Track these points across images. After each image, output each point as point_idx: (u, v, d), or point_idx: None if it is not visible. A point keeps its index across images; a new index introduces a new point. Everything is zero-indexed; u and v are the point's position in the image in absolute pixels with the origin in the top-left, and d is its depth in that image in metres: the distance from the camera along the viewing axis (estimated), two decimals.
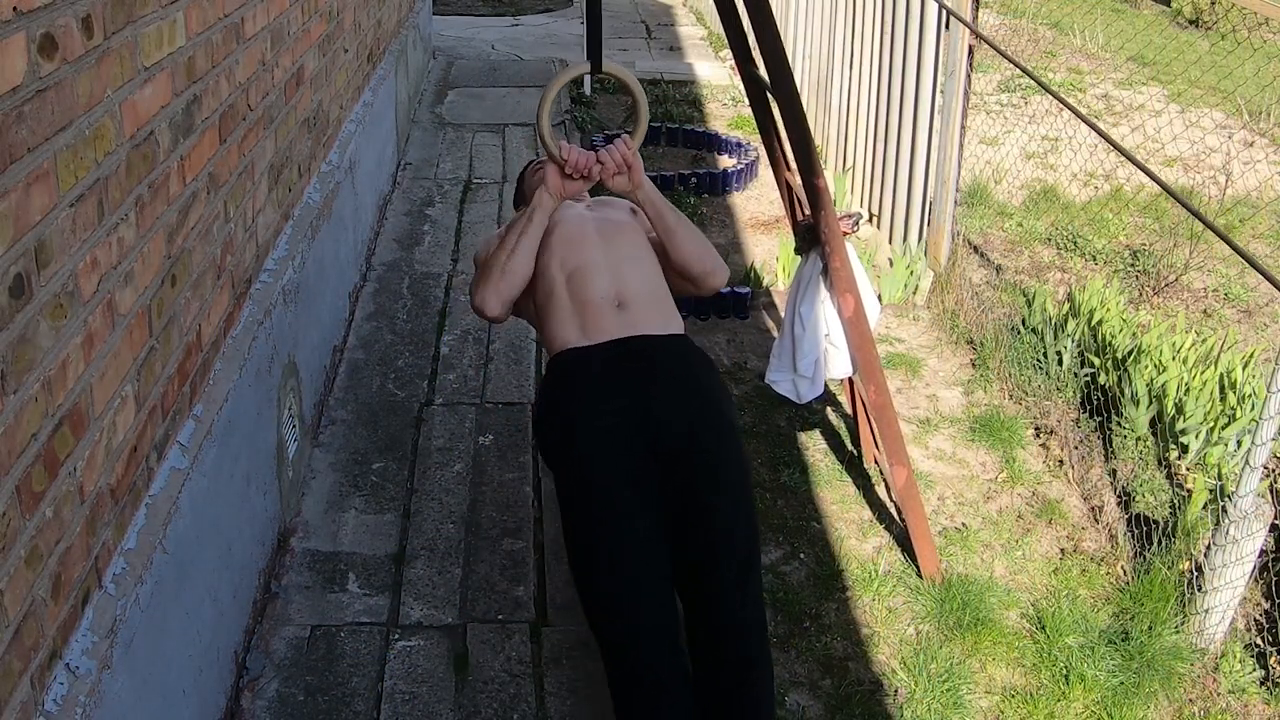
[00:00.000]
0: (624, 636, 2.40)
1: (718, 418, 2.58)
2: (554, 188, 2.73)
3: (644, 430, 2.49)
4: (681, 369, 2.62)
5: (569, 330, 2.62)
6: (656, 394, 2.54)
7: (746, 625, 2.45)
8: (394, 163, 5.94)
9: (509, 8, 11.09)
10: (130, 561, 2.06)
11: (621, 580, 2.40)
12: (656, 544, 2.43)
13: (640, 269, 2.72)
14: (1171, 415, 3.85)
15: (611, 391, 2.53)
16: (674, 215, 2.79)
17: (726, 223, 5.90)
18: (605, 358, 2.57)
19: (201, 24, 2.51)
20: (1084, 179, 6.66)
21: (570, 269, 2.67)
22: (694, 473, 2.48)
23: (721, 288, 2.87)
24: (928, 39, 4.97)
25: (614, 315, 2.61)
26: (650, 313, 2.65)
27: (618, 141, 2.77)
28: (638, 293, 2.66)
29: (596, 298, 2.63)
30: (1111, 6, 11.59)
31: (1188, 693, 2.94)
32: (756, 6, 2.68)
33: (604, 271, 2.67)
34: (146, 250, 2.17)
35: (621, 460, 2.47)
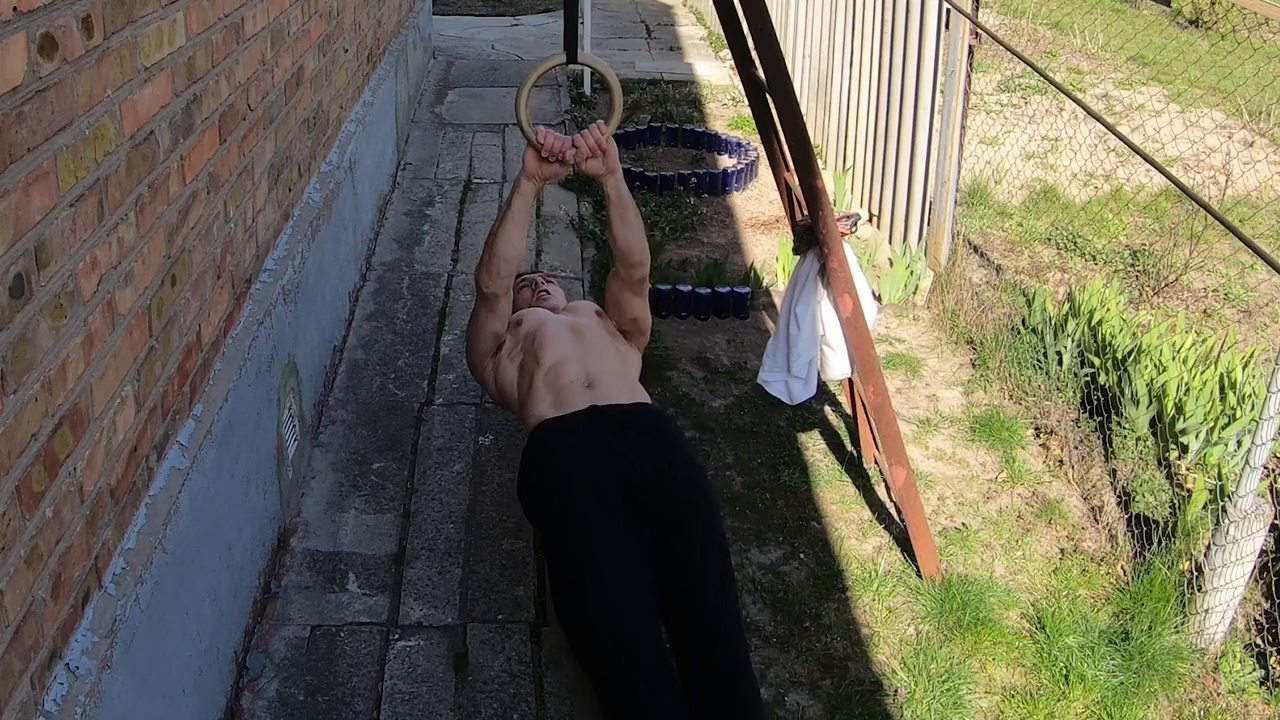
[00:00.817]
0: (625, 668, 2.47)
1: (687, 460, 2.82)
2: (532, 170, 2.93)
3: (622, 477, 2.70)
4: (648, 425, 2.87)
5: (543, 407, 2.89)
6: (629, 443, 2.78)
7: (731, 638, 2.58)
8: (394, 163, 5.94)
9: (509, 8, 11.09)
10: (130, 561, 2.06)
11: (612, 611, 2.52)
12: (642, 576, 2.59)
13: (607, 357, 3.02)
14: (1171, 415, 3.85)
15: (589, 446, 2.77)
16: (633, 209, 3.02)
17: (726, 223, 5.90)
18: (578, 420, 2.83)
19: (201, 24, 2.51)
20: (1084, 179, 6.66)
21: (547, 366, 2.97)
22: (670, 506, 2.68)
23: (644, 277, 3.10)
24: (928, 38, 4.97)
25: (584, 393, 2.89)
26: (618, 389, 2.93)
27: (592, 126, 2.92)
28: (605, 374, 2.95)
29: (569, 382, 2.92)
30: (1111, 6, 11.59)
31: (1188, 693, 2.94)
32: (754, 13, 2.68)
33: (575, 362, 2.97)
34: (146, 250, 2.17)
35: (604, 504, 2.66)
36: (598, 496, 2.66)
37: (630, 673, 2.46)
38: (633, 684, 2.45)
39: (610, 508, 2.65)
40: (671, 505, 2.68)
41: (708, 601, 2.58)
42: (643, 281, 3.09)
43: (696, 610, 2.57)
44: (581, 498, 2.67)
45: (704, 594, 2.59)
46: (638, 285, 3.09)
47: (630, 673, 2.46)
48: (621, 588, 2.55)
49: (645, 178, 6.14)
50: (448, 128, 6.94)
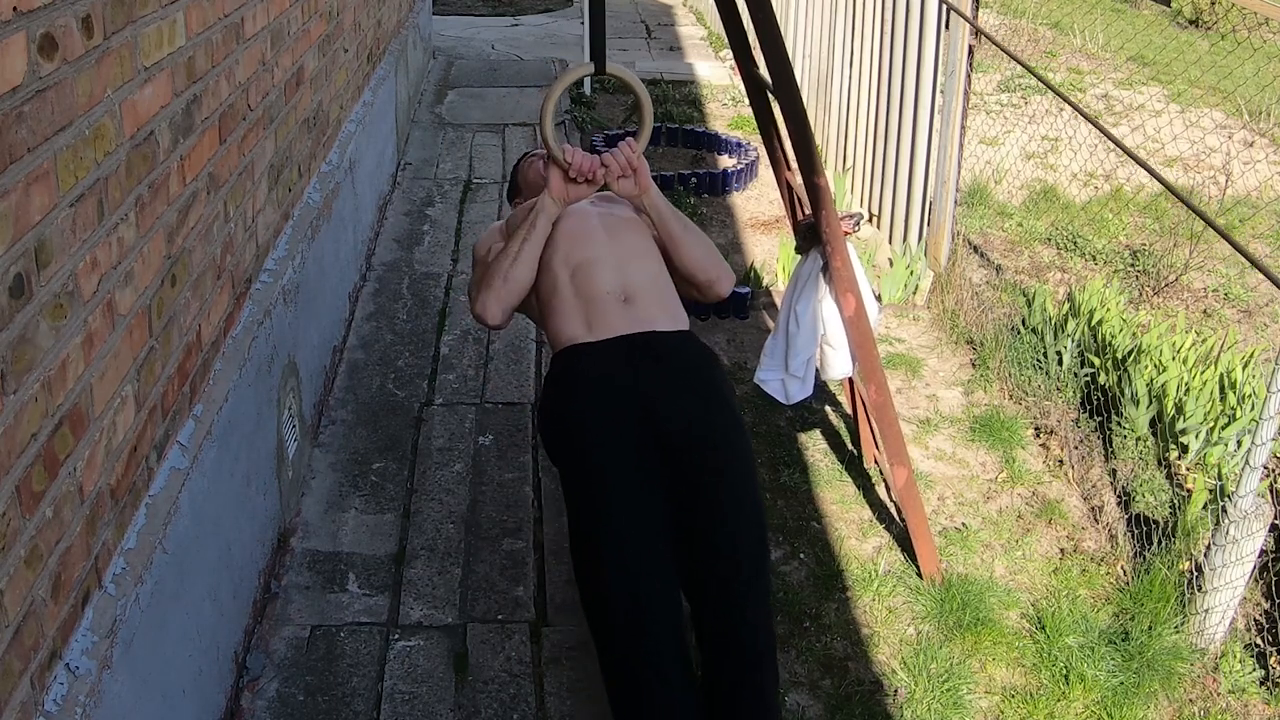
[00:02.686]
0: (633, 635, 2.34)
1: (724, 414, 2.56)
2: (557, 192, 2.69)
3: (651, 427, 2.48)
4: (688, 366, 2.60)
5: (574, 325, 2.60)
6: (663, 392, 2.52)
7: (756, 621, 2.43)
8: (394, 163, 5.94)
9: (509, 8, 11.09)
10: (130, 561, 2.06)
11: (628, 576, 2.37)
12: (664, 541, 2.41)
13: (646, 264, 2.69)
14: (1171, 415, 3.85)
15: (618, 388, 2.52)
16: (679, 222, 2.76)
17: (726, 223, 5.90)
18: (612, 354, 2.55)
19: (201, 24, 2.51)
20: (1084, 179, 6.66)
21: (575, 264, 2.65)
22: (702, 468, 2.47)
23: (726, 294, 2.84)
24: (928, 38, 4.97)
25: (620, 310, 2.59)
26: (656, 309, 2.63)
27: (622, 144, 2.72)
28: (643, 288, 2.64)
29: (602, 293, 2.60)
30: (1111, 6, 11.58)
31: (1188, 693, 2.94)
32: (758, 6, 2.67)
33: (609, 266, 2.64)
34: (146, 250, 2.17)
35: (629, 457, 2.45)
36: (628, 449, 2.45)
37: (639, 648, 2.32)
38: (640, 661, 2.32)
39: (640, 464, 2.44)
40: (702, 467, 2.46)
41: (733, 573, 2.40)
42: (721, 297, 2.81)
43: (720, 582, 2.41)
44: (609, 448, 2.45)
45: (730, 565, 2.41)
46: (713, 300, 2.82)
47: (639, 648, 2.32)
48: (640, 549, 2.37)
49: None
50: (448, 128, 6.94)
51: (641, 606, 2.35)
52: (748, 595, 2.43)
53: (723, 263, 2.80)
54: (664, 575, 2.40)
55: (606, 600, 2.37)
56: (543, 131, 2.67)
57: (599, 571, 2.39)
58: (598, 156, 2.69)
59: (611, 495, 2.42)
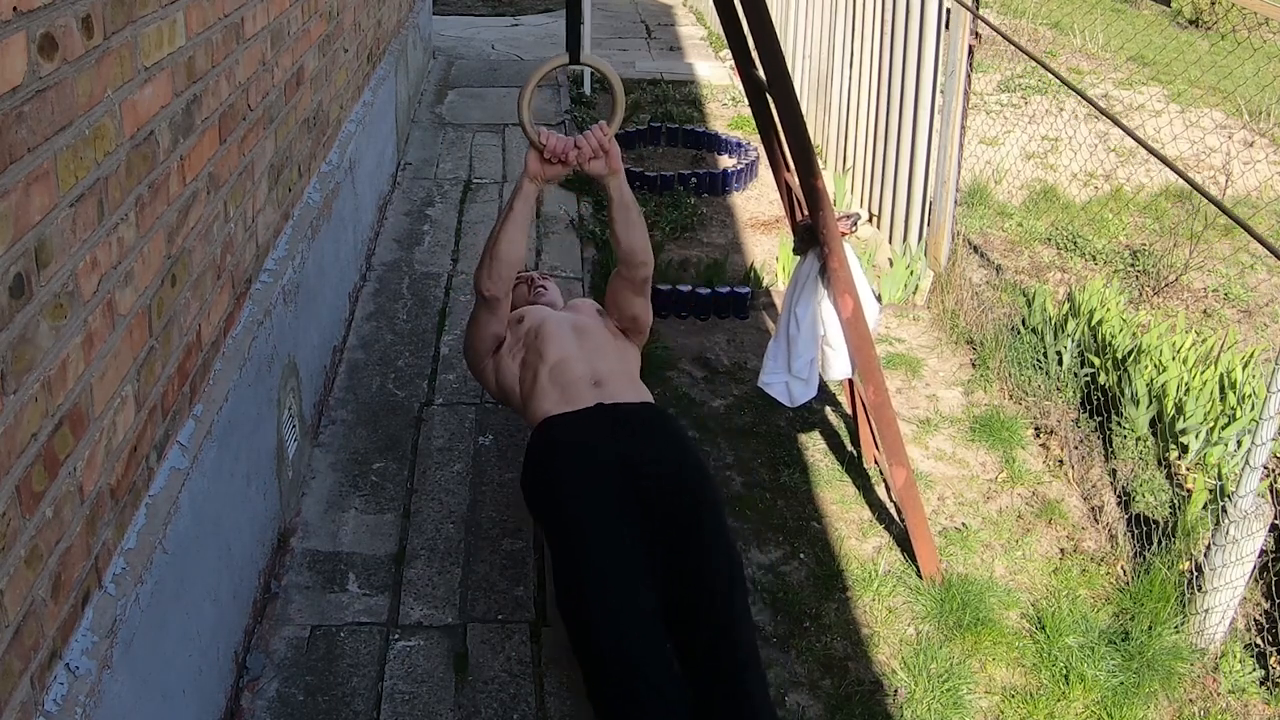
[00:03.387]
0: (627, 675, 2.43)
1: (694, 461, 2.81)
2: (534, 172, 2.90)
3: (626, 475, 2.68)
4: (655, 426, 2.87)
5: (550, 403, 2.86)
6: (634, 444, 2.76)
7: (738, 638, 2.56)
8: (394, 163, 5.94)
9: (509, 8, 11.09)
10: (130, 561, 2.06)
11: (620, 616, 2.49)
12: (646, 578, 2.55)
13: (611, 356, 3.01)
14: (1171, 415, 3.85)
15: (593, 445, 2.75)
16: (635, 209, 3.01)
17: (726, 223, 5.90)
18: (585, 419, 2.81)
19: (201, 24, 2.51)
20: (1084, 179, 6.66)
21: (551, 363, 2.94)
22: (678, 508, 2.67)
23: (647, 278, 3.09)
24: (928, 39, 4.97)
25: (590, 391, 2.87)
26: (623, 388, 2.91)
27: (594, 127, 2.90)
28: (611, 373, 2.94)
29: (574, 378, 2.89)
30: (1111, 6, 11.58)
31: (1188, 693, 2.94)
32: (755, 14, 2.68)
33: (580, 360, 2.95)
34: (146, 250, 2.17)
35: (607, 504, 2.63)
36: (604, 496, 2.64)
37: (633, 678, 2.42)
38: (634, 690, 2.42)
39: (617, 508, 2.62)
40: (679, 507, 2.66)
41: (715, 605, 2.57)
42: (646, 281, 3.08)
43: (704, 614, 2.56)
44: (588, 497, 2.64)
45: (711, 598, 2.57)
46: (640, 285, 3.08)
47: (633, 678, 2.42)
48: (626, 592, 2.52)
49: (645, 178, 6.14)
50: (448, 128, 6.94)
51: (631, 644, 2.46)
52: (732, 620, 2.57)
53: (651, 254, 3.08)
54: (650, 611, 2.53)
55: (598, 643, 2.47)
56: (520, 115, 2.86)
57: (586, 612, 2.51)
58: (571, 139, 2.87)
59: (597, 541, 2.58)
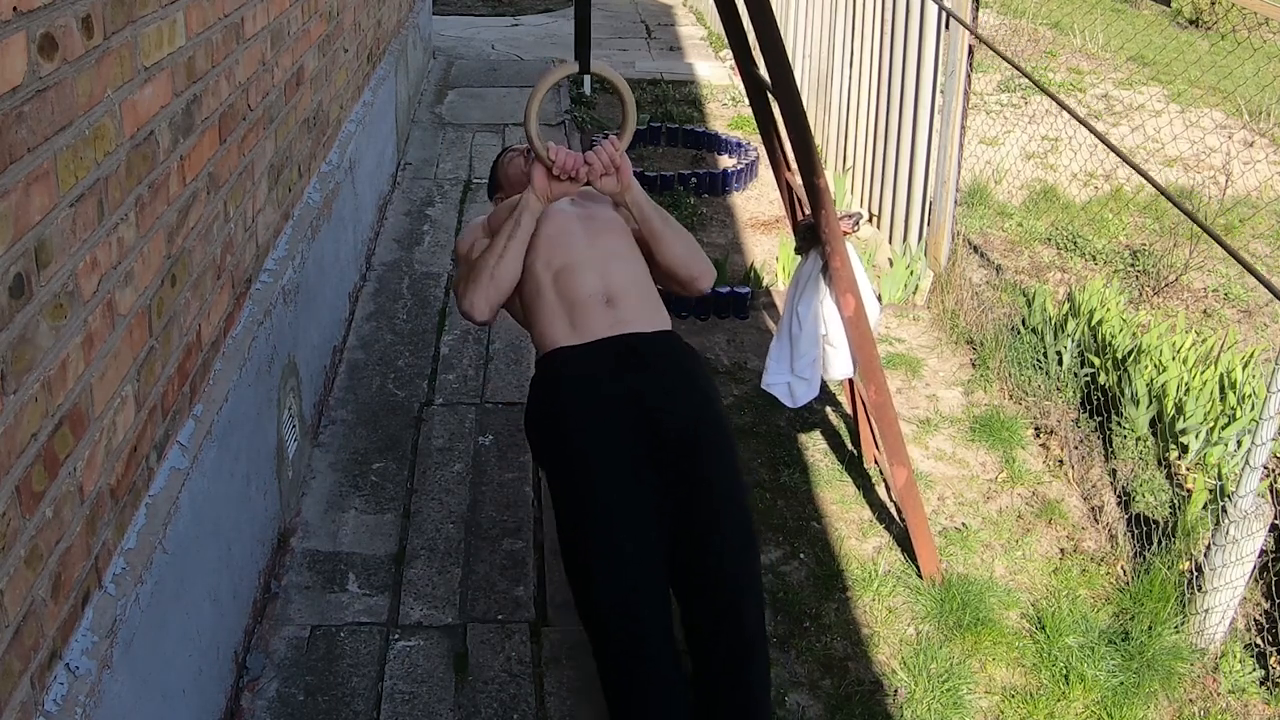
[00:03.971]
0: (625, 639, 2.38)
1: (709, 410, 2.61)
2: (540, 190, 2.71)
3: (638, 427, 2.50)
4: (671, 365, 2.64)
5: (558, 329, 2.63)
6: (649, 392, 2.55)
7: (745, 609, 2.45)
8: (394, 163, 5.94)
9: (509, 8, 11.09)
10: (130, 561, 2.06)
11: (623, 580, 2.40)
12: (655, 541, 2.44)
13: (627, 265, 2.72)
14: (1171, 415, 3.85)
15: (604, 391, 2.55)
16: (661, 219, 2.78)
17: (726, 223, 5.90)
18: (596, 357, 2.58)
19: (201, 24, 2.51)
20: (1084, 179, 6.66)
21: (557, 267, 2.68)
22: (690, 463, 2.50)
23: (708, 290, 2.87)
24: (928, 39, 4.97)
25: (603, 312, 2.62)
26: (638, 309, 2.66)
27: (605, 142, 2.75)
28: (626, 289, 2.67)
29: (584, 295, 2.63)
30: (1111, 6, 11.58)
31: (1188, 693, 2.94)
32: (758, 6, 2.67)
33: (591, 268, 2.67)
34: (146, 250, 2.17)
35: (617, 457, 2.48)
36: (614, 446, 2.48)
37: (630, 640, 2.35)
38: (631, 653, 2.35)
39: (626, 460, 2.46)
40: (692, 462, 2.49)
41: (722, 576, 2.44)
42: (704, 291, 2.83)
43: (711, 584, 2.44)
44: (596, 446, 2.48)
45: (719, 569, 2.44)
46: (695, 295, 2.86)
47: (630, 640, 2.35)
48: (628, 550, 2.40)
49: (645, 178, 6.14)
50: (448, 128, 6.94)
51: (633, 607, 2.38)
52: (739, 584, 2.46)
53: (705, 259, 2.83)
54: (654, 575, 2.43)
55: (598, 601, 2.40)
56: (528, 130, 2.68)
57: (589, 573, 2.42)
58: (581, 155, 2.71)
59: (599, 498, 2.44)
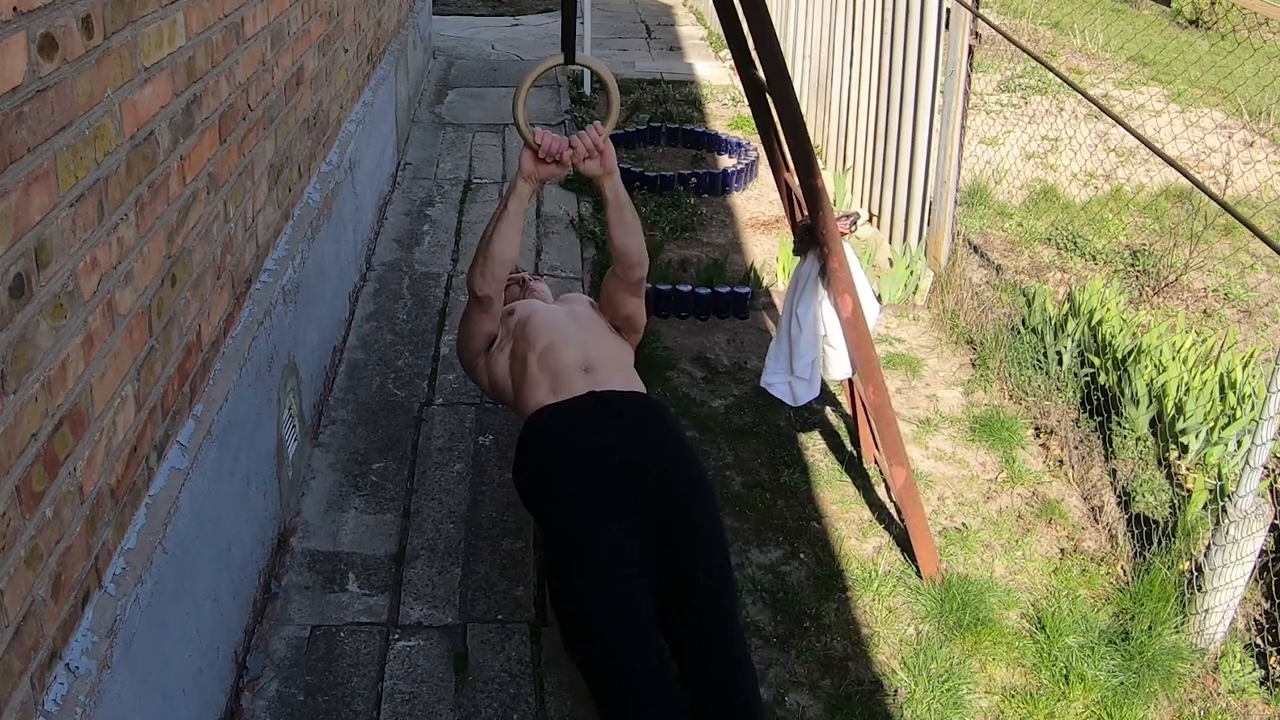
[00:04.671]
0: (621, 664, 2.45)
1: (686, 453, 2.80)
2: (528, 171, 2.93)
3: (617, 465, 2.67)
4: (644, 411, 2.86)
5: (540, 393, 2.85)
6: (625, 433, 2.75)
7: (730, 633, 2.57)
8: (394, 163, 5.94)
9: (509, 8, 11.09)
10: (130, 561, 2.06)
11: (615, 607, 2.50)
12: (643, 569, 2.56)
13: (605, 344, 3.00)
14: (1171, 415, 3.85)
15: (584, 433, 2.75)
16: (630, 210, 2.99)
17: (726, 223, 5.90)
18: (576, 408, 2.80)
19: (201, 24, 2.51)
20: (1084, 179, 6.66)
21: (541, 348, 2.92)
22: (670, 500, 2.66)
23: (641, 279, 3.06)
24: (928, 39, 4.97)
25: (581, 377, 2.85)
26: (615, 375, 2.90)
27: (589, 127, 2.90)
28: (603, 360, 2.92)
29: (566, 365, 2.87)
30: (1111, 6, 11.58)
31: (1188, 693, 2.94)
32: (755, 16, 2.68)
33: (573, 346, 2.93)
34: (146, 250, 2.17)
35: (602, 495, 2.63)
36: (597, 488, 2.63)
37: (627, 668, 2.44)
38: (629, 679, 2.43)
39: (609, 500, 2.61)
40: (672, 501, 2.65)
41: (706, 599, 2.56)
42: (640, 282, 3.08)
43: (695, 608, 2.55)
44: (581, 488, 2.64)
45: (702, 592, 2.57)
46: (635, 286, 3.07)
47: (627, 668, 2.44)
48: (619, 583, 2.52)
49: (645, 178, 6.14)
50: (448, 128, 6.94)
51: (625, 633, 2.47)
52: (722, 612, 2.58)
53: (646, 255, 3.06)
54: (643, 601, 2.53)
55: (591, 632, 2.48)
56: (515, 115, 2.88)
57: (581, 605, 2.52)
58: (566, 139, 2.88)
59: (590, 531, 2.58)
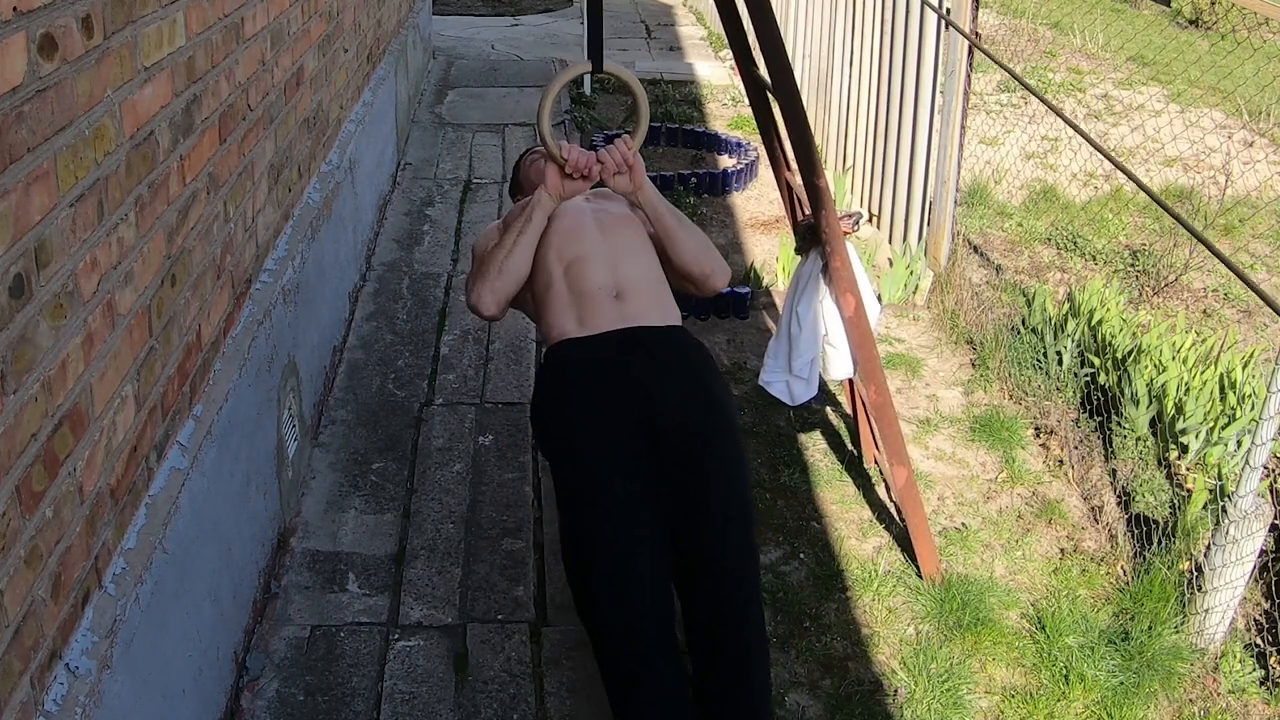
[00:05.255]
0: (623, 633, 2.38)
1: (716, 409, 2.60)
2: (553, 188, 2.73)
3: (643, 422, 2.50)
4: (679, 361, 2.64)
5: (567, 321, 2.64)
6: (655, 386, 2.55)
7: (746, 611, 2.46)
8: (394, 163, 5.94)
9: (509, 8, 11.09)
10: (130, 561, 2.06)
11: (622, 574, 2.40)
12: (656, 539, 2.44)
13: (638, 261, 2.74)
14: (1171, 415, 3.85)
15: (611, 384, 2.56)
16: (674, 217, 2.80)
17: (726, 223, 5.90)
18: (604, 349, 2.59)
19: (201, 24, 2.51)
20: (1084, 179, 6.66)
21: (568, 260, 2.69)
22: (693, 463, 2.49)
23: (723, 289, 2.89)
24: (927, 39, 4.97)
25: (612, 306, 2.63)
26: (648, 304, 2.67)
27: (618, 141, 2.77)
28: (636, 284, 2.68)
29: (594, 288, 2.65)
30: (1111, 6, 11.58)
31: (1188, 693, 2.94)
32: (758, 8, 2.68)
33: (602, 263, 2.69)
34: (146, 250, 2.17)
35: (622, 453, 2.48)
36: (617, 442, 2.47)
37: (629, 642, 2.36)
38: (631, 654, 2.36)
39: (629, 457, 2.46)
40: (697, 465, 2.48)
41: (723, 582, 2.44)
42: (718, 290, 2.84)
43: (710, 588, 2.44)
44: (599, 442, 2.48)
45: (721, 574, 2.45)
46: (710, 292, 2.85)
47: (629, 642, 2.36)
48: (630, 549, 2.39)
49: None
50: (448, 128, 6.94)
51: (633, 605, 2.38)
52: (739, 588, 2.46)
53: (718, 257, 2.83)
54: (655, 572, 2.43)
55: (598, 599, 2.40)
56: (540, 128, 2.69)
57: (590, 571, 2.42)
58: (593, 153, 2.73)
59: (602, 494, 2.44)
